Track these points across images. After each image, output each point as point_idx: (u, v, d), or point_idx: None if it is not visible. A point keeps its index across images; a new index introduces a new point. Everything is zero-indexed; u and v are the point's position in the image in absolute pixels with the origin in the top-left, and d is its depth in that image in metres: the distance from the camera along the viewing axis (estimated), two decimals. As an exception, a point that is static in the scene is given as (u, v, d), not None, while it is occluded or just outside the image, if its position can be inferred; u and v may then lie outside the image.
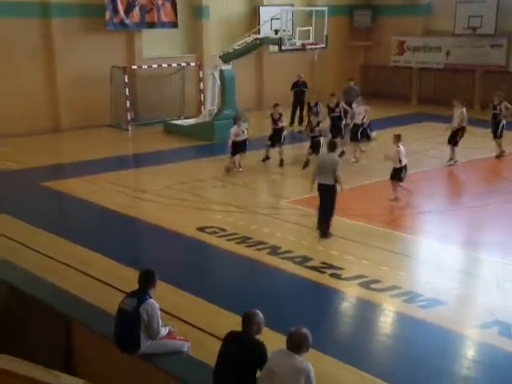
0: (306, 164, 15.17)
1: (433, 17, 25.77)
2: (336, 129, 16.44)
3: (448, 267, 10.04)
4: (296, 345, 4.97)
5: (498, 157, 16.53)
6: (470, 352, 7.66)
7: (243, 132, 15.44)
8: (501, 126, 16.52)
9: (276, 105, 16.29)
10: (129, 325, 5.99)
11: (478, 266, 10.25)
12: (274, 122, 16.10)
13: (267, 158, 16.31)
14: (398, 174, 12.85)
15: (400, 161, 12.67)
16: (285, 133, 16.27)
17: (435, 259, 10.43)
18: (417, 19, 25.75)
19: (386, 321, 8.51)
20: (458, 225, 12.03)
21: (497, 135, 16.59)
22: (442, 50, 25.00)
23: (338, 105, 16.77)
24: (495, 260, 10.16)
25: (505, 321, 8.06)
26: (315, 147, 15.10)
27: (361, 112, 16.72)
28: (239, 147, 15.38)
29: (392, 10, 26.20)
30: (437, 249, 10.87)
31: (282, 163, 15.98)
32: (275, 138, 16.06)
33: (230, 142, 15.31)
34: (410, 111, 21.19)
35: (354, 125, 16.68)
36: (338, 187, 10.76)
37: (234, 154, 15.42)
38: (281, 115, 16.14)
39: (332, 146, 10.98)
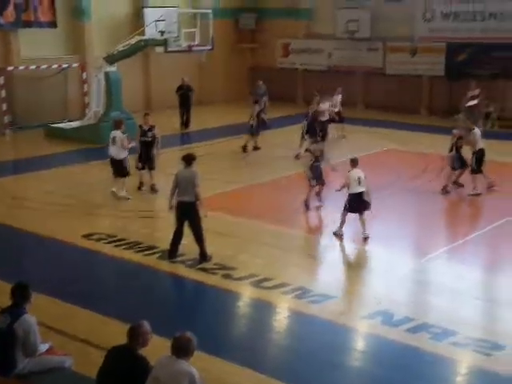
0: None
1: (314, 21, 26.55)
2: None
3: (337, 262, 10.34)
4: (180, 349, 4.86)
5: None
6: (357, 343, 7.89)
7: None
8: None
9: (147, 114, 14.08)
10: (3, 344, 5.57)
11: (365, 258, 10.63)
12: (144, 133, 13.46)
13: (141, 184, 13.75)
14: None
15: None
16: (156, 150, 13.55)
17: (325, 255, 10.71)
18: (299, 23, 26.42)
19: (278, 318, 8.58)
20: (347, 221, 12.35)
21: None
22: (324, 52, 25.83)
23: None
24: (381, 252, 10.58)
25: (387, 310, 8.38)
26: (318, 175, 12.56)
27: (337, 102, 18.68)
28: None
29: (275, 13, 26.69)
30: (327, 245, 11.15)
31: (153, 188, 13.57)
32: (145, 157, 13.47)
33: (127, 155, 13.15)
34: (297, 111, 21.71)
35: (337, 112, 18.45)
36: (200, 207, 9.72)
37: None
38: (152, 127, 13.54)
39: (189, 160, 9.82)
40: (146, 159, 13.53)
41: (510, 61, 21.37)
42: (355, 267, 10.23)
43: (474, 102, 20.16)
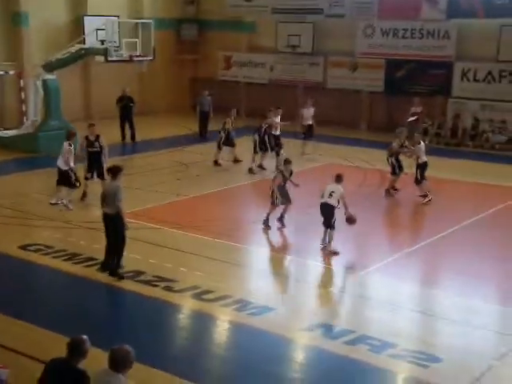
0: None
1: (257, 34, 26.83)
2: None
3: (277, 274, 10.43)
4: (117, 363, 4.80)
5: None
6: (297, 355, 7.97)
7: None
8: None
9: (92, 125, 13.96)
10: None
11: (306, 271, 10.74)
12: (91, 143, 13.51)
13: (84, 194, 13.69)
14: None
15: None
16: (105, 159, 13.53)
17: (265, 267, 10.81)
18: (242, 35, 26.61)
19: (219, 330, 8.60)
20: (286, 233, 12.48)
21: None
22: (266, 65, 26.11)
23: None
24: (319, 265, 10.73)
25: (327, 323, 8.53)
26: (285, 195, 12.50)
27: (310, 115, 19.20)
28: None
29: (218, 25, 26.82)
30: (267, 257, 11.29)
31: None
32: (94, 167, 13.54)
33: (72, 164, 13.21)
34: (239, 124, 21.80)
35: (309, 125, 19.13)
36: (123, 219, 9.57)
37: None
38: (98, 136, 13.63)
39: (115, 172, 9.66)
40: (96, 169, 13.50)
41: (447, 78, 22.19)
42: (295, 280, 10.36)
43: (414, 118, 20.79)
